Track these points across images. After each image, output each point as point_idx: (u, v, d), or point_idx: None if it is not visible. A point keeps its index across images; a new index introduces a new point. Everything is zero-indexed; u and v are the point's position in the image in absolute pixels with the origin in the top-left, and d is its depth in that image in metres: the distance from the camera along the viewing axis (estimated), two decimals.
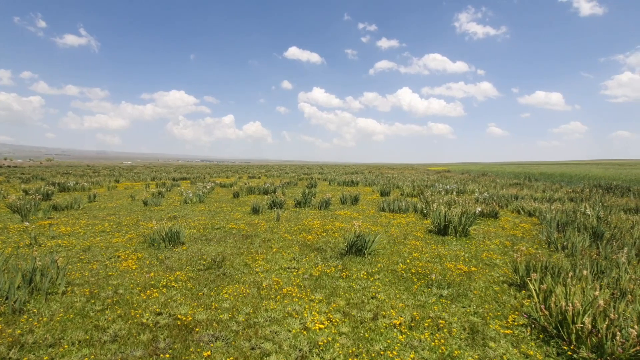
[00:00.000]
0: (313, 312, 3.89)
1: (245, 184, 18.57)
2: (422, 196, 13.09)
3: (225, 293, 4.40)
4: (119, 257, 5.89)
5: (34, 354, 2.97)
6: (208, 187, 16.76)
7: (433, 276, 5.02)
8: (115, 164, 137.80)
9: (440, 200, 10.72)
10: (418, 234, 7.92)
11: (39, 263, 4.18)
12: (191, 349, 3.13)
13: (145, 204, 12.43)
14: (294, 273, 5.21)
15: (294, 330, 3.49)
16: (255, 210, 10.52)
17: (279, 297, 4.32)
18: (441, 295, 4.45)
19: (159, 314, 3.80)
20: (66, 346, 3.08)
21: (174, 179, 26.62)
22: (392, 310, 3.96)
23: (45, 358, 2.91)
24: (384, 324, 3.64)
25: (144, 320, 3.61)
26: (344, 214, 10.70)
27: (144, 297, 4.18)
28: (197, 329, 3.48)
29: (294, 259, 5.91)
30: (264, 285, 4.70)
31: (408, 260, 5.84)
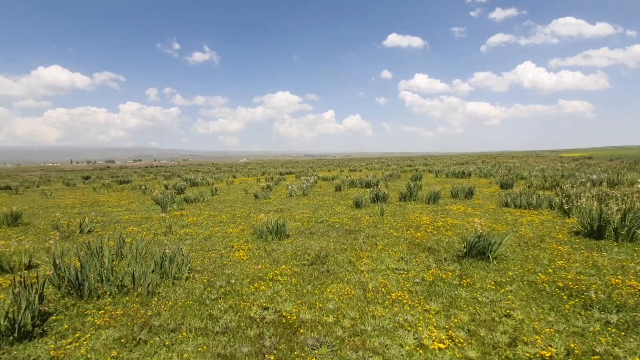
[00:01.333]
0: (429, 326, 3.29)
1: (347, 177, 18.52)
2: (559, 188, 10.74)
3: (330, 292, 4.14)
4: (232, 247, 6.29)
5: (159, 337, 3.19)
6: (311, 181, 17.26)
7: (593, 294, 3.81)
8: (233, 161, 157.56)
9: (588, 194, 8.53)
10: (559, 236, 6.36)
11: (168, 250, 4.64)
12: (295, 352, 2.93)
13: (256, 197, 13.42)
14: (403, 275, 4.65)
15: (407, 347, 2.97)
16: (357, 204, 10.21)
17: (387, 302, 3.84)
18: (608, 322, 3.29)
19: (266, 308, 3.75)
20: (184, 333, 3.23)
21: (280, 174, 28.54)
22: (536, 336, 3.07)
23: (167, 343, 3.08)
24: (527, 355, 2.81)
25: (252, 314, 3.60)
26: (456, 209, 9.50)
27: (253, 290, 4.23)
28: (301, 330, 3.27)
29: (402, 259, 5.33)
30: (370, 287, 4.29)
31: (550, 270, 4.63)
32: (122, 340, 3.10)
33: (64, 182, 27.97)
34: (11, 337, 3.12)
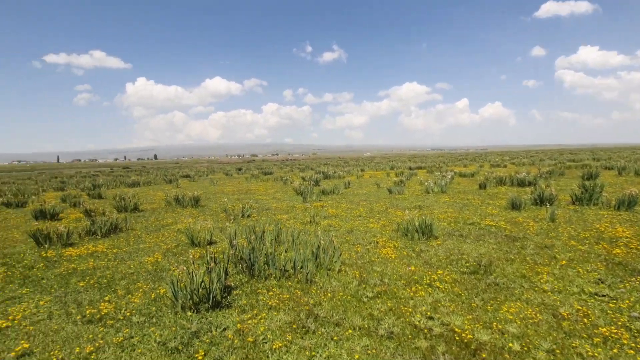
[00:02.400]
0: None
1: (491, 173, 16.27)
2: None
3: (507, 312, 3.44)
4: (377, 242, 6.09)
5: (324, 328, 3.19)
6: (448, 177, 15.82)
7: None
8: (358, 155, 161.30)
9: None
10: None
11: (323, 242, 4.74)
12: None
13: (390, 192, 13.05)
14: (611, 305, 3.52)
15: None
16: (514, 206, 8.67)
17: (596, 339, 2.92)
18: None
19: (430, 318, 3.35)
20: (350, 331, 3.13)
21: (410, 168, 27.39)
22: None
23: (334, 337, 3.03)
24: None
25: (416, 322, 3.26)
26: None
27: (410, 294, 3.89)
28: (483, 355, 2.75)
29: (602, 282, 4.08)
30: (562, 312, 3.38)
31: None
32: (294, 326, 3.22)
33: (224, 173, 33.74)
34: (206, 304, 3.63)
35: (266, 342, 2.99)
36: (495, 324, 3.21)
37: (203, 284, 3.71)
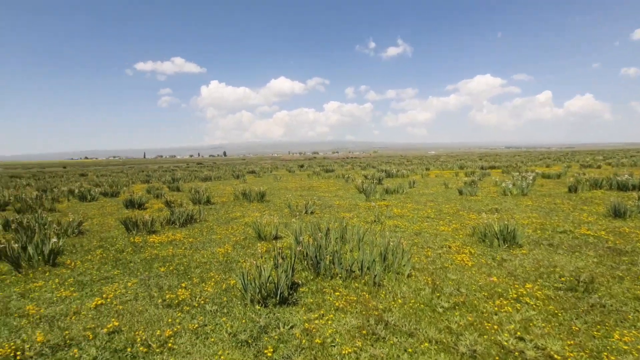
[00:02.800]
0: None
1: (582, 175, 14.23)
2: None
3: (620, 340, 2.84)
4: (449, 247, 5.62)
5: (396, 337, 2.96)
6: (530, 178, 14.20)
7: None
8: (421, 153, 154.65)
9: None
10: None
11: (392, 243, 4.47)
12: None
13: (460, 192, 12.12)
14: None
15: None
16: (617, 213, 7.39)
17: None
18: None
19: (521, 339, 2.91)
20: (425, 344, 2.85)
21: (482, 168, 25.31)
22: None
23: (408, 349, 2.78)
24: None
25: (504, 342, 2.85)
26: None
27: (494, 308, 3.44)
28: None
29: None
30: None
31: None
32: (363, 332, 3.03)
33: (287, 169, 34.80)
34: (274, 299, 3.63)
35: (334, 346, 2.86)
36: (606, 354, 2.67)
37: (270, 278, 3.72)
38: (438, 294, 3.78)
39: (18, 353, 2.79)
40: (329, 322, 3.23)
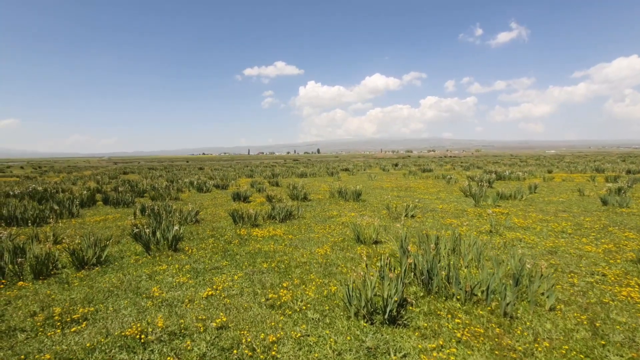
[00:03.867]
0: None
1: None
2: None
3: None
4: (604, 275, 4.34)
5: None
6: None
7: None
8: (538, 153, 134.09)
9: None
10: None
11: (528, 266, 3.59)
12: None
13: (604, 202, 9.74)
14: None
15: None
16: None
17: None
18: None
19: None
20: None
21: (629, 172, 20.35)
22: None
23: None
24: None
25: None
26: None
27: None
28: None
29: None
30: None
31: None
32: None
33: (380, 168, 33.95)
34: (380, 317, 3.21)
35: None
36: None
37: (376, 290, 3.30)
38: (602, 341, 2.82)
39: (142, 336, 2.99)
40: (451, 357, 2.66)
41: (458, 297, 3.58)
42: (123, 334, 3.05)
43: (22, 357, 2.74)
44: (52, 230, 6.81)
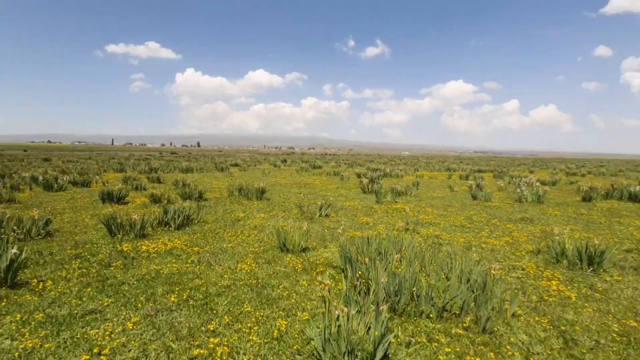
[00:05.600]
0: None
1: (576, 182, 13.97)
2: None
3: None
4: (524, 269, 4.64)
5: None
6: (536, 184, 13.72)
7: None
8: (396, 154, 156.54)
9: None
10: None
11: (493, 272, 3.39)
12: None
13: (474, 197, 11.36)
14: None
15: None
16: None
17: None
18: None
19: None
20: None
21: (477, 171, 25.09)
22: None
23: None
24: None
25: None
26: None
27: None
28: None
29: None
30: None
31: None
32: None
33: (270, 164, 33.26)
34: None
35: None
36: None
37: (349, 327, 2.53)
38: (578, 349, 2.75)
39: None
40: None
41: (430, 315, 3.13)
42: None
43: None
44: None
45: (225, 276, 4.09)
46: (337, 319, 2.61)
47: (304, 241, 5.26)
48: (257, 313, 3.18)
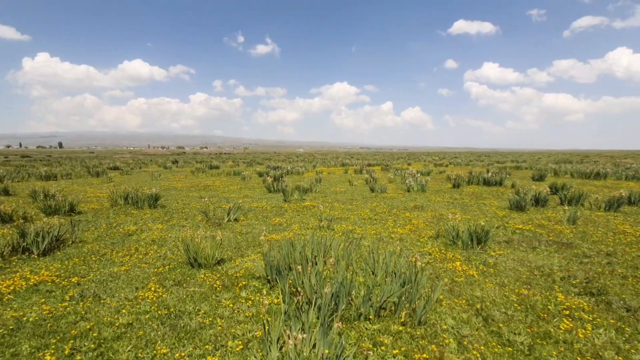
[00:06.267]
0: None
1: (444, 172, 16.67)
2: None
3: None
4: (430, 254, 5.10)
5: None
6: (416, 175, 15.66)
7: None
8: (291, 151, 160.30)
9: None
10: None
11: (420, 263, 3.53)
12: None
13: (372, 190, 12.26)
14: None
15: None
16: (519, 207, 8.49)
17: None
18: None
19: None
20: None
21: (369, 165, 27.30)
22: None
23: None
24: None
25: None
26: None
27: (564, 327, 2.94)
28: None
29: None
30: None
31: None
32: None
33: (159, 165, 29.78)
34: None
35: None
36: None
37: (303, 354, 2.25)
38: (495, 324, 3.07)
39: None
40: None
41: (369, 316, 3.07)
42: None
43: None
44: None
45: (124, 311, 3.27)
46: (277, 341, 2.30)
47: (218, 252, 4.68)
48: (177, 354, 2.60)
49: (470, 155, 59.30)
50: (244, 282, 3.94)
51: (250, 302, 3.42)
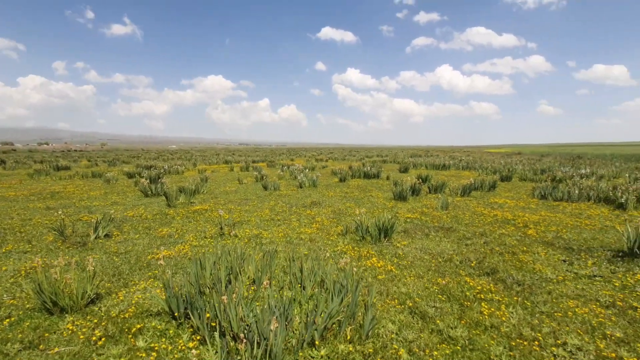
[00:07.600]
0: None
1: (326, 167, 17.68)
2: (570, 181, 11.36)
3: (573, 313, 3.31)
4: (344, 252, 5.02)
5: None
6: (305, 171, 15.95)
7: None
8: (163, 147, 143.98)
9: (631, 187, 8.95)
10: None
11: (355, 269, 3.29)
12: None
13: (265, 188, 11.79)
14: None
15: None
16: (401, 197, 9.45)
17: None
18: None
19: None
20: None
21: (254, 161, 26.44)
22: None
23: None
24: None
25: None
26: (503, 202, 9.31)
27: (486, 310, 3.18)
28: None
29: (565, 261, 4.71)
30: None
31: None
32: None
33: None
34: None
35: None
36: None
37: None
38: (431, 320, 3.10)
39: None
40: None
41: (315, 342, 2.66)
42: None
43: None
44: None
45: None
46: None
47: (90, 286, 3.46)
48: None
49: (342, 151, 64.84)
50: (138, 325, 2.97)
51: (154, 354, 2.56)
